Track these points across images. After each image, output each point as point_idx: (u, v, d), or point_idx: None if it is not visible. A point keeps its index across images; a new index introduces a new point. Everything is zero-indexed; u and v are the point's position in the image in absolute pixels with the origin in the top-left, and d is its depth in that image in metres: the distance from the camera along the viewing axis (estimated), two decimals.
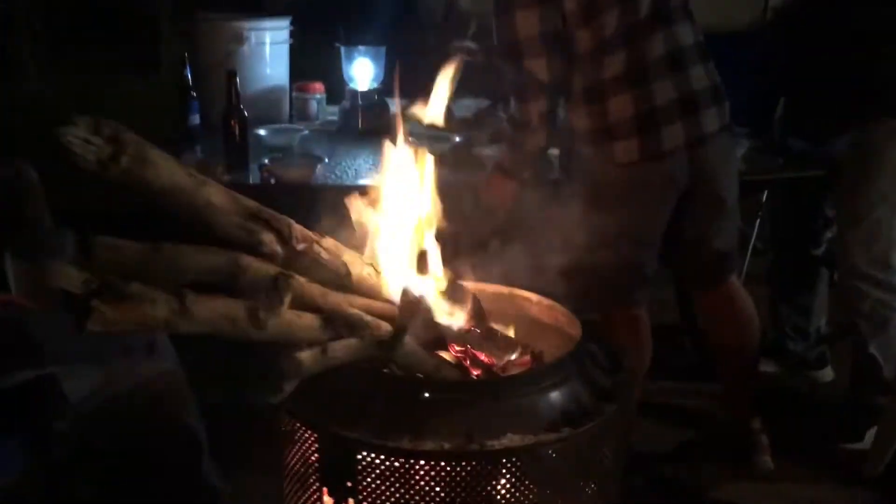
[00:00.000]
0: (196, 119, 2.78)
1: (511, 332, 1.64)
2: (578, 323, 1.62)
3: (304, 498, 1.43)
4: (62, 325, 1.64)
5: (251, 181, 2.42)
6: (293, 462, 1.43)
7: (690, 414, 2.72)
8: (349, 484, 1.34)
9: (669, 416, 2.69)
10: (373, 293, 1.40)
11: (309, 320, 1.27)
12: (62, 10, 4.28)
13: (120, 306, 1.05)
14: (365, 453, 1.32)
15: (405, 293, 1.36)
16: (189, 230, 1.20)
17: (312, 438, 1.38)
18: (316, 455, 1.38)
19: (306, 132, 2.85)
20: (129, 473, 1.85)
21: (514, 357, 1.50)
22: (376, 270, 1.43)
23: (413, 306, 1.36)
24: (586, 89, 2.09)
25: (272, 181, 2.33)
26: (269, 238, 1.23)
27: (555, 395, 1.40)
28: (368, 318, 1.30)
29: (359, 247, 1.50)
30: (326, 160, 2.51)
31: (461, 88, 3.31)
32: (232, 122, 2.45)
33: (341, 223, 1.58)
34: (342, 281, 1.36)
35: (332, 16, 3.18)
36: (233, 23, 2.96)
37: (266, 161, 2.42)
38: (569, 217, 2.07)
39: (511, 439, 1.31)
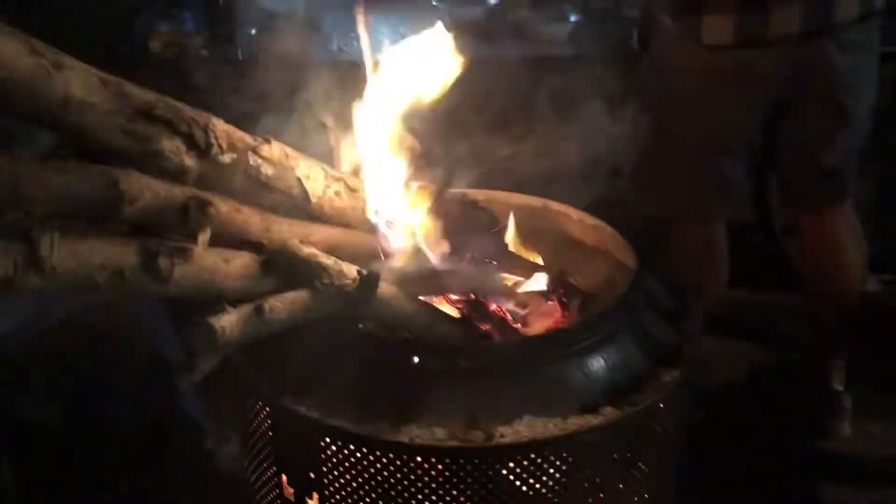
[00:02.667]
0: None
1: (539, 260, 1.24)
2: (632, 248, 1.22)
3: (261, 480, 1.10)
4: None
5: (240, 56, 2.00)
6: (251, 437, 1.10)
7: (759, 331, 2.31)
8: (312, 475, 1.00)
9: (735, 334, 2.28)
10: (342, 220, 1.01)
11: (241, 265, 0.89)
12: None
13: None
14: (331, 439, 0.97)
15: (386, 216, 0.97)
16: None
17: (266, 414, 1.03)
18: (272, 436, 1.04)
19: None
20: (87, 413, 1.58)
21: (540, 304, 1.10)
22: (349, 188, 1.02)
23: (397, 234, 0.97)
24: None
25: (260, 56, 1.91)
26: (172, 145, 0.84)
27: (595, 361, 1.02)
28: (328, 259, 0.91)
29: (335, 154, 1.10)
30: (322, 30, 2.07)
31: None
32: None
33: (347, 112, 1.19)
34: (295, 204, 0.96)
35: None
36: None
37: (254, 31, 1.98)
38: (637, 106, 1.64)
39: (529, 426, 0.95)
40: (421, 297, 1.03)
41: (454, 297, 1.07)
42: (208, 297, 0.87)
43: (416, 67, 1.21)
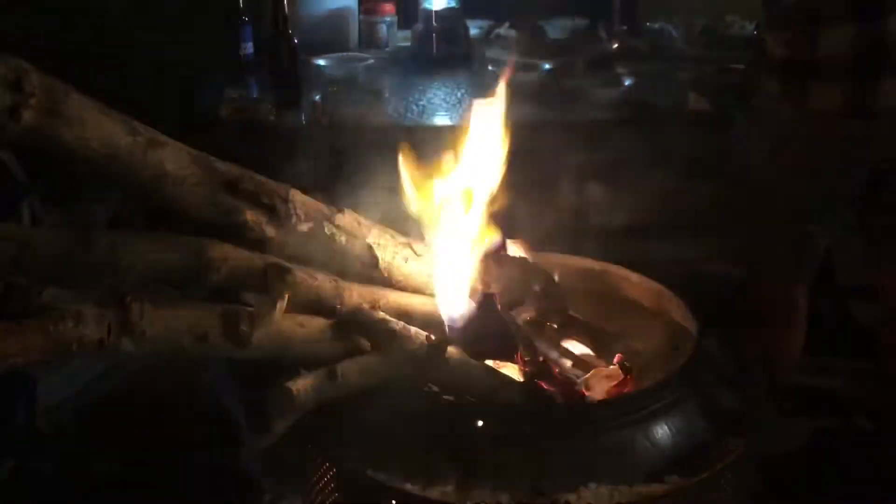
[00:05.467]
0: (249, 47, 2.44)
1: (600, 324, 1.25)
2: (693, 312, 1.22)
3: None
4: None
5: (304, 121, 2.07)
6: (312, 491, 1.12)
7: (830, 398, 2.26)
8: None
9: (803, 399, 2.24)
10: (410, 284, 1.04)
11: (315, 329, 0.92)
12: None
13: (19, 328, 0.73)
14: (396, 502, 0.98)
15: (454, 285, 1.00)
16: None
17: (332, 475, 1.05)
18: (337, 494, 1.06)
19: (372, 61, 2.47)
20: (151, 465, 1.63)
21: (603, 369, 1.11)
22: (415, 253, 1.06)
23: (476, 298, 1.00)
24: (798, 6, 1.61)
25: (324, 121, 1.98)
26: (255, 217, 0.88)
27: (659, 428, 1.02)
28: (397, 324, 0.94)
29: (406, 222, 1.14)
30: (386, 94, 2.13)
31: (554, 4, 2.87)
32: (280, 51, 2.10)
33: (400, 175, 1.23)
34: (366, 271, 1.00)
35: None
36: None
37: (318, 97, 2.06)
38: (732, 163, 1.63)
39: (595, 494, 0.95)
40: (486, 362, 1.05)
41: (518, 361, 1.09)
42: (284, 359, 0.90)
43: (477, 136, 1.25)
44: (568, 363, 1.12)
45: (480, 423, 0.99)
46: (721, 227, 1.81)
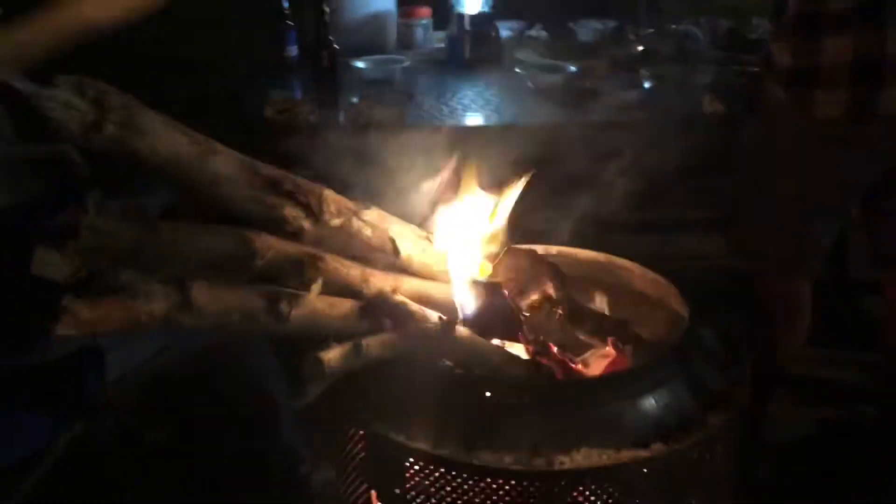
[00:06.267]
0: (293, 50, 2.60)
1: (605, 309, 1.38)
2: (688, 302, 1.34)
3: (355, 495, 1.27)
4: None
5: (340, 121, 2.23)
6: (345, 458, 1.27)
7: (837, 389, 2.35)
8: (398, 491, 1.16)
9: (811, 390, 2.33)
10: (427, 272, 1.19)
11: (344, 309, 1.08)
12: None
13: (102, 303, 0.89)
14: (413, 460, 1.13)
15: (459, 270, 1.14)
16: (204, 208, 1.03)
17: (359, 436, 1.21)
18: (365, 454, 1.21)
19: (407, 63, 2.61)
20: (198, 436, 1.79)
21: (599, 348, 1.25)
22: (432, 245, 1.20)
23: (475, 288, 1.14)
24: (801, 16, 1.68)
25: (360, 122, 2.14)
26: (293, 213, 1.04)
27: (648, 402, 1.14)
28: (414, 305, 1.09)
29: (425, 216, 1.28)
30: (419, 97, 2.27)
31: (585, 7, 2.96)
32: (321, 55, 2.26)
33: (434, 171, 1.37)
34: (389, 260, 1.15)
35: None
36: None
37: (355, 99, 2.22)
38: (739, 163, 1.73)
39: (586, 456, 1.08)
40: (493, 341, 1.19)
41: (522, 341, 1.23)
42: (317, 335, 1.05)
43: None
44: (568, 343, 1.25)
45: (487, 393, 1.13)
46: (729, 224, 1.91)
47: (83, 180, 2.11)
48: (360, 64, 2.58)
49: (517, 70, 2.49)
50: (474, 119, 2.21)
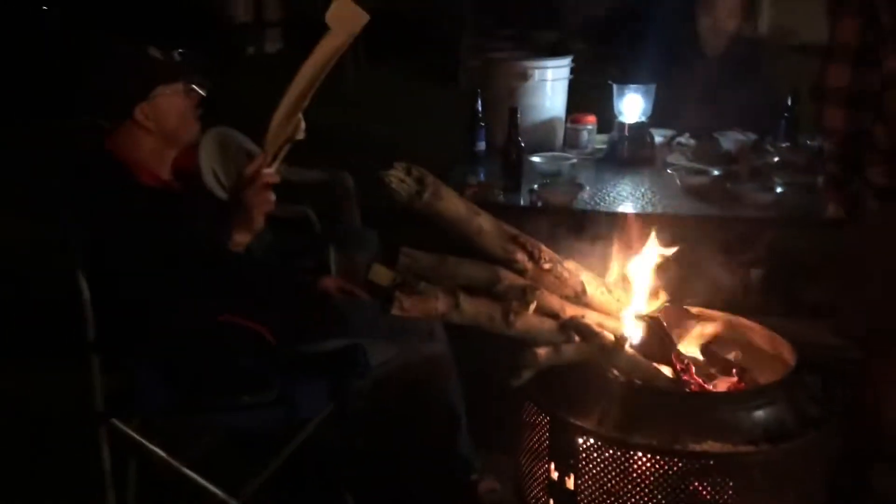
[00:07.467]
0: (482, 145, 3.22)
1: (731, 356, 1.84)
2: (795, 353, 1.78)
3: (535, 470, 1.76)
4: (368, 308, 2.15)
5: (522, 203, 2.79)
6: (530, 440, 1.78)
7: None
8: (571, 462, 1.65)
9: None
10: (604, 308, 1.70)
11: (548, 325, 1.60)
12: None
13: (413, 299, 1.46)
14: (585, 438, 1.62)
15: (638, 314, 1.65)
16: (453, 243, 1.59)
17: (546, 421, 1.71)
18: (548, 435, 1.71)
19: (575, 160, 3.14)
20: (396, 435, 2.20)
21: (727, 379, 1.71)
22: (608, 290, 1.72)
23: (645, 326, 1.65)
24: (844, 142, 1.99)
25: (539, 204, 2.69)
26: (522, 257, 1.59)
27: (758, 415, 1.59)
28: (596, 328, 1.61)
29: (599, 268, 1.80)
30: (587, 187, 2.80)
31: (728, 120, 3.43)
32: (510, 151, 2.85)
33: (594, 244, 1.89)
34: (578, 296, 1.67)
35: (609, 53, 3.44)
36: (520, 62, 3.37)
37: (535, 186, 2.78)
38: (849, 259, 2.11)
39: (711, 445, 1.54)
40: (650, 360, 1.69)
41: (678, 366, 1.72)
42: (529, 338, 1.58)
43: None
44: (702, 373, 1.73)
45: (643, 394, 1.62)
46: (843, 310, 2.26)
47: (316, 234, 2.77)
48: (536, 158, 3.15)
49: (668, 171, 2.97)
50: (628, 207, 2.71)
